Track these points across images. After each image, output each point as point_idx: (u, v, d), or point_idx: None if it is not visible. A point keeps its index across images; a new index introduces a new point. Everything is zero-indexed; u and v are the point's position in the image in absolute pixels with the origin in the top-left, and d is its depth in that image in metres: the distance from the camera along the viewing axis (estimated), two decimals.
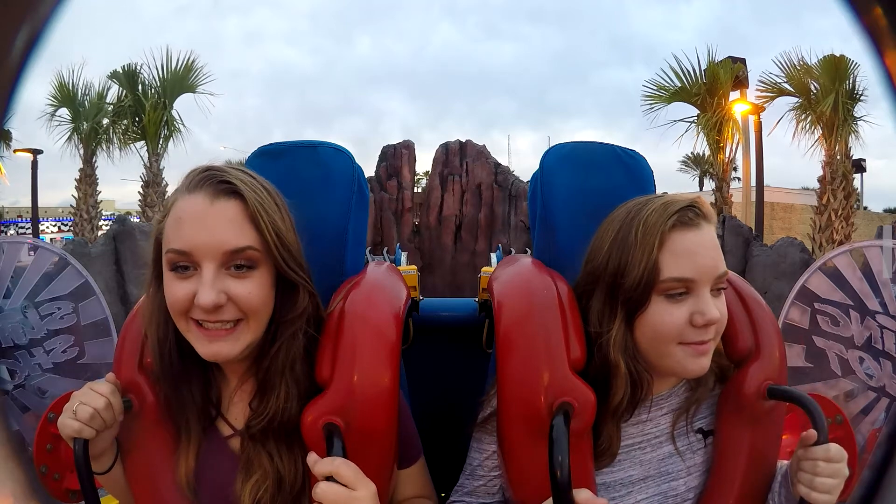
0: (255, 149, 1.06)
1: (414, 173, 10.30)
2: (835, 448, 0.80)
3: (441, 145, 10.26)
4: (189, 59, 10.14)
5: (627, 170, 1.07)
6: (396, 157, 10.14)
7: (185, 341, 0.81)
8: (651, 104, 9.78)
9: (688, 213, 0.83)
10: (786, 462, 0.91)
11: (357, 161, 1.08)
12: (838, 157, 8.71)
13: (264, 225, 0.78)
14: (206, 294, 0.75)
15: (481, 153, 10.11)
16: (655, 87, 9.75)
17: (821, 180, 8.87)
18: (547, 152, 1.12)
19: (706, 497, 0.92)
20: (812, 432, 0.81)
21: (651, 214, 0.84)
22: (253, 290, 0.78)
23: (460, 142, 10.22)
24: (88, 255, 5.70)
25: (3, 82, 0.42)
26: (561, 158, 1.09)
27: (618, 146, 1.11)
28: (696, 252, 0.81)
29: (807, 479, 0.80)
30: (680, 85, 9.63)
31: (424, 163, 10.33)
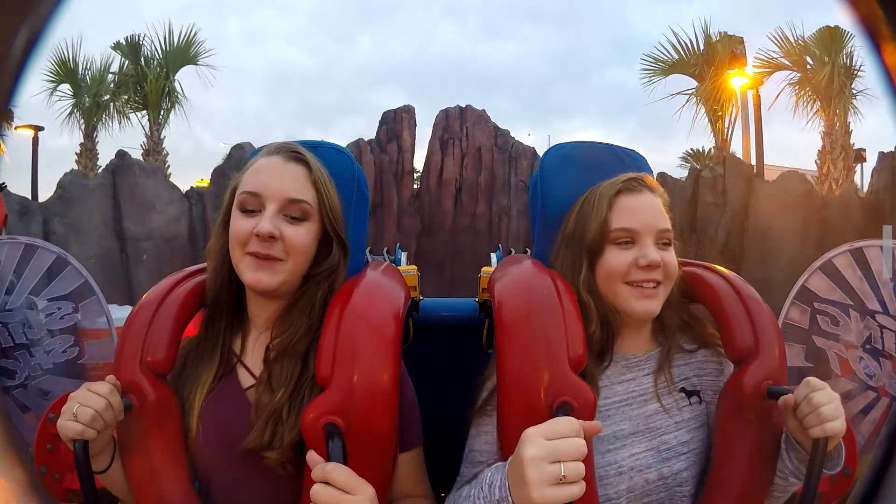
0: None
1: (414, 137, 10.11)
2: (812, 379, 0.84)
3: (441, 111, 10.18)
4: (191, 32, 10.02)
5: (627, 170, 1.07)
6: (397, 120, 10.00)
7: (235, 280, 0.96)
8: (650, 77, 9.65)
9: (632, 182, 1.00)
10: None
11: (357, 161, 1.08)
12: (837, 127, 8.59)
13: (321, 188, 0.96)
14: (265, 224, 0.91)
15: (481, 117, 10.01)
16: (653, 60, 9.61)
17: (820, 151, 8.76)
18: (547, 152, 1.12)
19: (706, 496, 0.92)
20: (790, 397, 0.84)
21: (604, 186, 1.00)
22: (300, 235, 0.93)
23: (460, 107, 10.12)
24: (87, 187, 5.64)
25: (3, 82, 0.42)
26: (561, 158, 1.10)
27: (618, 146, 1.11)
28: (638, 209, 0.97)
29: (813, 417, 0.81)
30: (677, 58, 9.49)
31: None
